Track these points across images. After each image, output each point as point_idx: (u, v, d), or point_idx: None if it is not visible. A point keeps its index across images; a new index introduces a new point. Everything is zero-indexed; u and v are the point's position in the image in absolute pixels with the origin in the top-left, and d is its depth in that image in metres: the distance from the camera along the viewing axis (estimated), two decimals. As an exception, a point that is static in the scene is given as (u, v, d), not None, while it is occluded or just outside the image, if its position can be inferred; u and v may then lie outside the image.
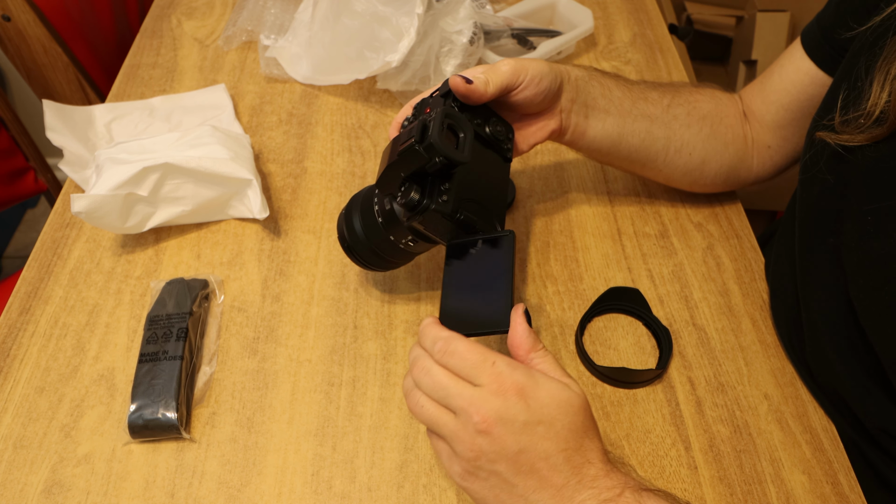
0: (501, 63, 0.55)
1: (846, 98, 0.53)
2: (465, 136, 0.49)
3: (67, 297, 0.67)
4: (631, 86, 0.64)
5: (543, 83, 0.56)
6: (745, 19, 1.51)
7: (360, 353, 0.63)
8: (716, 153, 0.67)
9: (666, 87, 0.67)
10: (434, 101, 0.53)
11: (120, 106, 0.84)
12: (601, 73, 0.63)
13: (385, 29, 0.78)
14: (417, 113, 0.55)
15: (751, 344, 0.63)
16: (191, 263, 0.70)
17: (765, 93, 0.66)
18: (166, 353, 0.59)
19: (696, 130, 0.66)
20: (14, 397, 0.60)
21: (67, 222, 0.74)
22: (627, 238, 0.72)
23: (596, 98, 0.61)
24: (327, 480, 0.55)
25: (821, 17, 0.62)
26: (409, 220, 0.50)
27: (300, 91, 0.89)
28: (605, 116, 0.62)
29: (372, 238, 0.57)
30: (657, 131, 0.65)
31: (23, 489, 0.55)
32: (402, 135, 0.49)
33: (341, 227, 0.59)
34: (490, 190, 0.53)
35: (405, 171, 0.49)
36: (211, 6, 1.03)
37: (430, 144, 0.46)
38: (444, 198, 0.49)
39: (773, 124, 0.66)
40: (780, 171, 0.70)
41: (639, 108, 0.64)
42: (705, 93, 0.68)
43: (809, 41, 0.63)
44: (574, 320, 0.65)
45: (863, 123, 0.50)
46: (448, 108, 0.49)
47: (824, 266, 0.56)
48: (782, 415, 0.58)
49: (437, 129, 0.47)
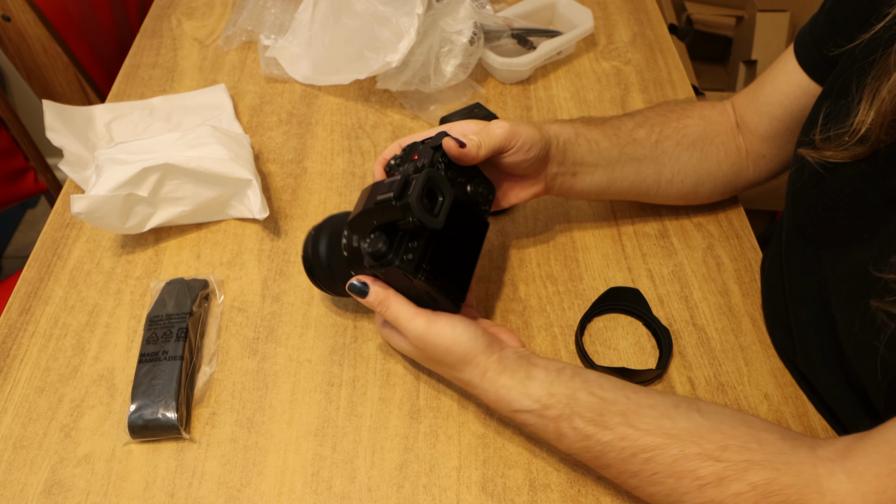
0: (496, 125, 0.55)
1: (829, 115, 0.53)
2: (443, 201, 0.50)
3: (67, 298, 0.67)
4: (618, 131, 0.64)
5: (532, 151, 0.57)
6: (745, 19, 1.51)
7: (360, 353, 0.63)
8: (708, 174, 0.68)
9: (654, 121, 0.66)
10: (423, 152, 0.54)
11: (120, 106, 0.84)
12: (589, 126, 0.63)
13: (385, 29, 0.78)
14: (405, 156, 0.55)
15: (751, 344, 0.63)
16: (191, 263, 0.70)
17: (757, 103, 0.66)
18: (166, 354, 0.59)
19: (686, 159, 0.66)
20: (14, 397, 0.60)
21: (67, 222, 0.74)
22: (627, 238, 0.72)
23: (583, 157, 0.62)
24: (327, 480, 0.55)
25: (813, 26, 0.61)
26: (372, 268, 0.51)
27: (300, 91, 0.89)
28: (594, 170, 0.63)
29: (333, 267, 0.58)
30: (646, 171, 0.65)
31: (23, 489, 0.55)
32: (384, 184, 0.50)
33: (307, 246, 0.60)
34: (459, 252, 0.54)
35: (378, 220, 0.50)
36: (211, 6, 1.03)
37: (407, 205, 0.47)
38: (410, 256, 0.49)
39: (765, 135, 0.66)
40: (776, 174, 0.70)
41: (627, 153, 0.64)
42: (695, 114, 0.68)
43: (802, 52, 0.62)
44: (574, 320, 0.65)
45: (847, 141, 0.50)
46: (432, 171, 0.49)
47: (808, 277, 0.56)
48: (782, 415, 0.58)
49: (417, 191, 0.47)
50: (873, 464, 0.42)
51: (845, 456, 0.44)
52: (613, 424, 0.48)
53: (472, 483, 0.55)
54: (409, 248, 0.49)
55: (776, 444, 0.46)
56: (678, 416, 0.48)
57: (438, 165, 0.53)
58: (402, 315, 0.52)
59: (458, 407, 0.59)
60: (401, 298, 0.53)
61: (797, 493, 0.43)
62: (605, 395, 0.49)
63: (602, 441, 0.48)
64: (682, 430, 0.47)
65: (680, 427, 0.47)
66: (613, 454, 0.48)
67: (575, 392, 0.50)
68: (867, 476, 0.42)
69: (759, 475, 0.44)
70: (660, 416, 0.48)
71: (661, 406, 0.48)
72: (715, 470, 0.45)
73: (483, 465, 0.55)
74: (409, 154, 0.55)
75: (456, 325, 0.52)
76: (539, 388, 0.50)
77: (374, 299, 0.53)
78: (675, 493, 0.47)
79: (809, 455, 0.45)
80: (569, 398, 0.49)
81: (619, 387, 0.50)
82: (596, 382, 0.50)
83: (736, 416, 0.48)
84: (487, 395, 0.52)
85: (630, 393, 0.50)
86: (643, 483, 0.48)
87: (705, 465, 0.45)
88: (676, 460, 0.46)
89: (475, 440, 0.57)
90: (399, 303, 0.53)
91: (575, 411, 0.49)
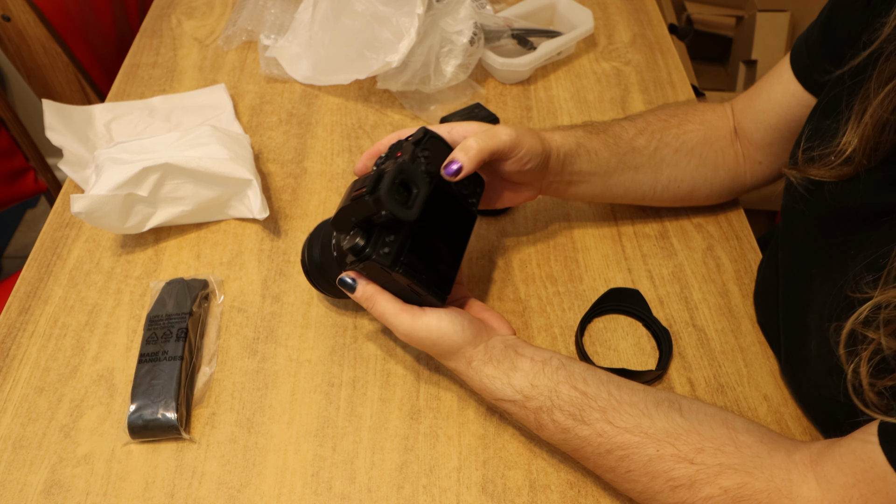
0: (503, 131, 0.55)
1: (814, 133, 0.54)
2: (417, 193, 0.50)
3: (67, 297, 0.67)
4: (619, 140, 0.64)
5: (530, 164, 0.57)
6: (745, 19, 1.51)
7: (359, 353, 0.62)
8: (705, 179, 0.68)
9: (655, 127, 0.66)
10: (405, 148, 0.54)
11: (120, 106, 0.84)
12: (590, 135, 0.63)
13: (385, 29, 0.78)
14: (391, 154, 0.55)
15: (751, 345, 0.63)
16: (191, 263, 0.70)
17: (753, 111, 0.65)
18: (166, 354, 0.59)
19: (684, 165, 0.66)
20: (13, 397, 0.60)
21: (67, 222, 0.74)
22: (627, 239, 0.71)
23: (581, 167, 0.62)
24: (327, 481, 0.55)
25: (809, 36, 0.60)
26: (352, 264, 0.52)
27: (300, 91, 0.89)
28: (590, 178, 0.63)
29: (326, 268, 0.58)
30: (643, 177, 0.66)
31: (22, 489, 0.55)
32: (359, 180, 0.51)
33: (304, 252, 0.61)
34: (443, 245, 0.54)
35: (355, 216, 0.50)
36: (211, 6, 1.03)
37: (378, 198, 0.47)
38: (386, 249, 0.50)
39: (761, 143, 0.66)
40: (774, 180, 0.70)
41: (625, 162, 0.64)
42: (695, 118, 0.67)
43: (797, 62, 0.61)
44: (574, 321, 0.65)
45: (833, 161, 0.50)
46: (404, 164, 0.50)
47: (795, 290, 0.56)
48: (781, 416, 0.58)
49: (388, 184, 0.48)
50: (840, 473, 0.43)
51: (817, 462, 0.44)
52: (592, 420, 0.49)
53: (472, 484, 0.55)
54: (385, 242, 0.50)
55: (753, 448, 0.46)
56: (658, 415, 0.48)
57: (419, 159, 0.53)
58: (388, 311, 0.53)
59: (458, 407, 0.59)
60: (386, 295, 0.53)
61: (768, 498, 0.44)
62: (587, 390, 0.50)
63: (580, 435, 0.49)
64: (659, 429, 0.47)
65: (658, 427, 0.47)
66: (590, 449, 0.49)
67: (558, 385, 0.50)
68: (835, 484, 0.43)
69: (731, 479, 0.45)
70: (639, 415, 0.48)
71: (642, 404, 0.49)
72: (688, 472, 0.46)
73: (483, 466, 0.55)
74: (394, 152, 0.55)
75: (442, 319, 0.52)
76: (522, 379, 0.51)
77: (362, 295, 0.53)
78: (649, 492, 0.48)
79: (785, 459, 0.45)
80: (551, 391, 0.50)
81: (604, 381, 0.51)
82: (580, 376, 0.51)
83: (717, 416, 0.48)
84: (472, 382, 0.54)
85: (613, 388, 0.50)
86: (618, 479, 0.49)
87: (679, 466, 0.46)
88: (651, 460, 0.47)
89: (475, 441, 0.57)
90: (385, 299, 0.53)
91: (555, 404, 0.50)
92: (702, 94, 1.22)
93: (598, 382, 0.50)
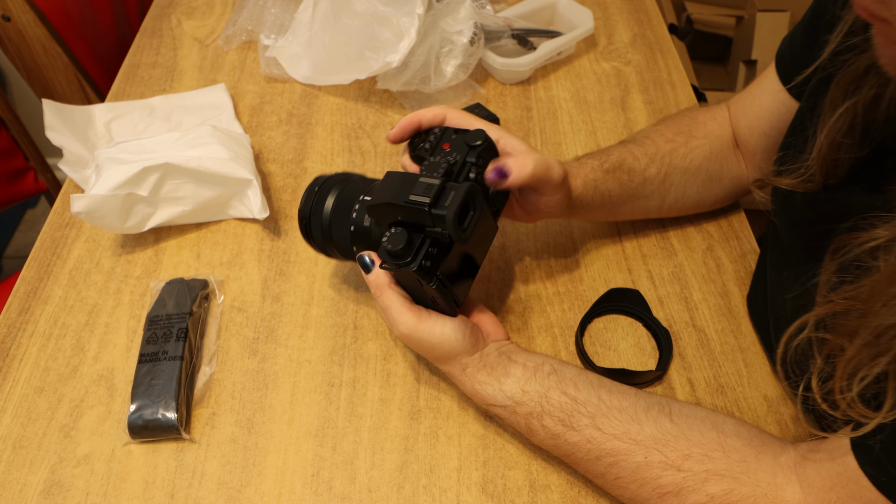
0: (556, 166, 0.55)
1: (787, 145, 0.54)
2: (473, 216, 0.49)
3: (67, 297, 0.67)
4: (632, 174, 0.63)
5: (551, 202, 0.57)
6: (745, 19, 1.51)
7: (360, 353, 0.62)
8: (710, 191, 0.68)
9: (664, 153, 0.65)
10: (456, 144, 0.52)
11: (120, 105, 0.84)
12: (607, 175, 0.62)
13: (385, 29, 0.78)
14: (436, 142, 0.53)
15: (750, 345, 0.63)
16: (191, 263, 0.70)
17: (748, 118, 0.66)
18: (166, 354, 0.59)
19: (691, 184, 0.67)
20: (13, 397, 0.60)
21: (67, 222, 0.74)
22: (627, 239, 0.71)
23: (590, 204, 0.62)
24: (327, 481, 0.55)
25: (792, 39, 0.60)
26: (384, 263, 0.50)
27: (300, 91, 0.89)
28: (598, 210, 0.64)
29: (334, 232, 0.57)
30: (651, 203, 0.66)
31: (22, 489, 0.55)
32: (419, 184, 0.48)
33: (309, 198, 0.58)
34: (468, 259, 0.54)
35: (404, 217, 0.48)
36: (211, 6, 1.03)
37: (442, 217, 0.46)
38: (428, 263, 0.48)
39: (756, 149, 0.66)
40: None
41: (636, 193, 0.64)
42: (699, 133, 0.67)
43: (782, 67, 0.61)
44: (574, 321, 0.65)
45: (803, 173, 0.51)
46: (474, 187, 0.48)
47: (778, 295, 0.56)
48: (781, 416, 0.58)
49: (456, 207, 0.46)
50: (819, 476, 0.43)
51: (801, 464, 0.45)
52: (581, 426, 0.49)
53: (473, 484, 0.55)
54: (429, 255, 0.48)
55: (741, 452, 0.46)
56: (647, 421, 0.48)
57: (470, 167, 0.52)
58: (394, 306, 0.52)
59: (459, 408, 0.59)
60: (397, 289, 0.53)
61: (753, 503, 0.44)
62: (577, 395, 0.50)
63: (569, 441, 0.49)
64: (648, 436, 0.47)
65: (646, 433, 0.48)
66: (580, 455, 0.49)
67: (548, 391, 0.51)
68: (815, 487, 0.43)
69: (718, 486, 0.45)
70: (628, 420, 0.48)
71: (632, 409, 0.49)
72: (675, 480, 0.46)
73: (483, 466, 0.55)
74: (440, 141, 0.53)
75: (446, 325, 0.52)
76: (514, 385, 0.52)
77: (375, 279, 0.53)
78: (638, 498, 0.48)
79: (771, 463, 0.46)
80: (541, 396, 0.50)
81: (595, 386, 0.51)
82: (571, 381, 0.51)
83: (707, 419, 0.49)
84: (465, 387, 0.54)
85: (604, 393, 0.50)
86: (609, 484, 0.50)
87: (667, 473, 0.46)
88: (640, 467, 0.47)
89: (475, 441, 0.57)
90: (394, 292, 0.53)
91: (545, 410, 0.50)
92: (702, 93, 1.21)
93: (589, 387, 0.51)
